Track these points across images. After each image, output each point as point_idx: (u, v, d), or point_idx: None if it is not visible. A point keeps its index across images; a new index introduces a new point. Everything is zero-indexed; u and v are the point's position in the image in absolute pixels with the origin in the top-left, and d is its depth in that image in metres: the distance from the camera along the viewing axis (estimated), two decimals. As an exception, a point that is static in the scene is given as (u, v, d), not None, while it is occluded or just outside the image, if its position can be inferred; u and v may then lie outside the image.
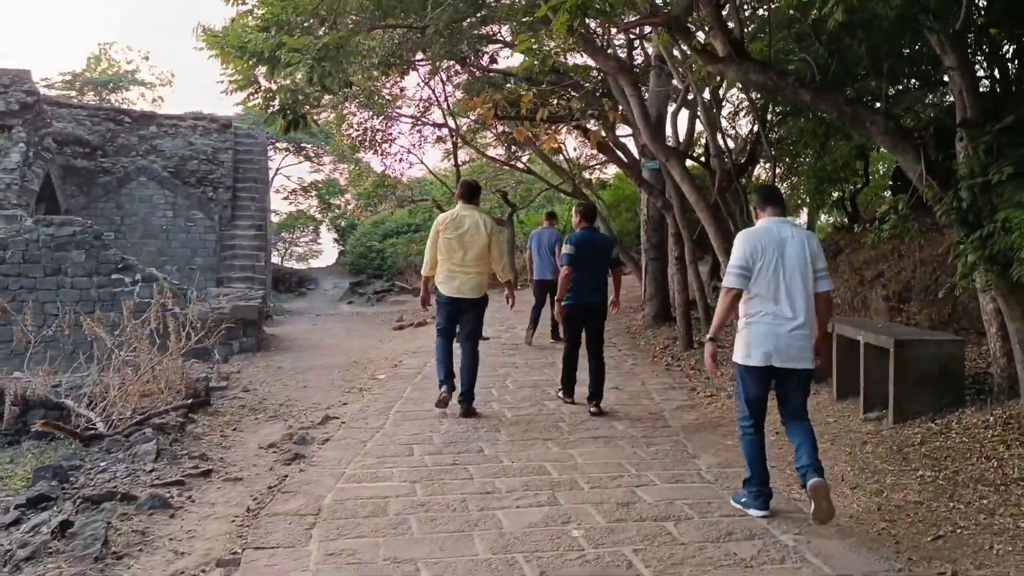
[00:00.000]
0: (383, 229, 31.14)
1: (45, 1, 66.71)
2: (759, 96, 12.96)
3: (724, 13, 6.14)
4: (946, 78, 6.12)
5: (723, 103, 15.36)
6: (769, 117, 13.06)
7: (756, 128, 12.91)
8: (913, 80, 7.56)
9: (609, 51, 8.35)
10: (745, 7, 7.83)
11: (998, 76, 6.87)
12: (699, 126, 13.36)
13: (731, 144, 12.44)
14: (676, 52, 7.72)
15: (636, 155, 12.03)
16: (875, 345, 6.65)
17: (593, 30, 6.96)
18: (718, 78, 12.25)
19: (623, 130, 12.65)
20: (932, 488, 5.03)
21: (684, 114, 11.26)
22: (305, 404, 8.86)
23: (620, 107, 9.75)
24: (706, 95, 8.74)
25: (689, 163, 13.16)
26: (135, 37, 72.72)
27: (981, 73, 6.76)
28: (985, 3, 6.31)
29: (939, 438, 5.85)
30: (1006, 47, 6.79)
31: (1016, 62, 6.79)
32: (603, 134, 9.94)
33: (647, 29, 8.01)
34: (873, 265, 10.18)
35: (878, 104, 6.00)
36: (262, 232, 22.65)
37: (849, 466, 5.61)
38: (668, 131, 10.16)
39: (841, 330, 7.29)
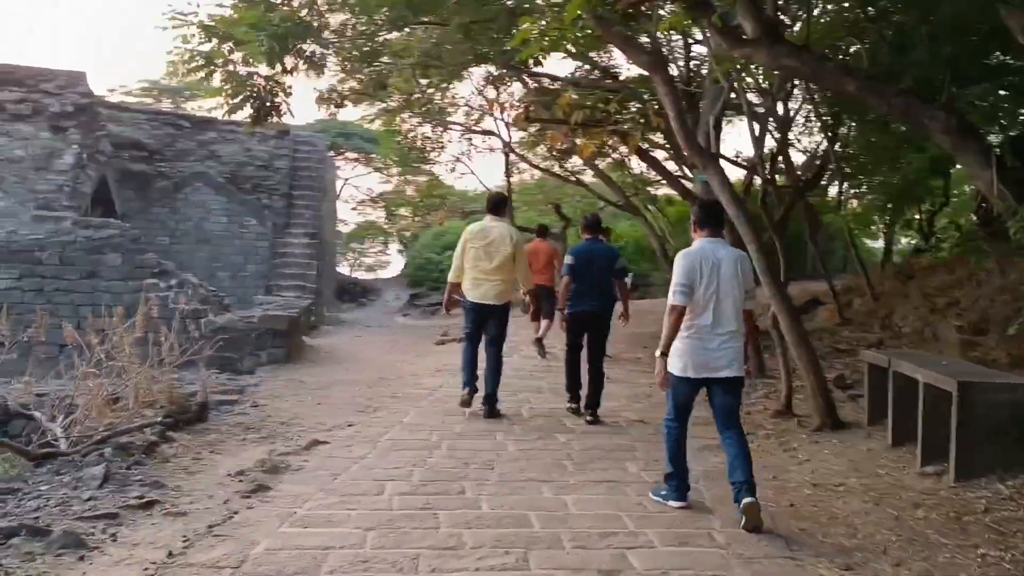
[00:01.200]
0: (443, 241, 30.64)
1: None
2: (828, 107, 12.01)
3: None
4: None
5: (792, 115, 14.37)
6: (842, 130, 12.15)
7: (824, 142, 12.01)
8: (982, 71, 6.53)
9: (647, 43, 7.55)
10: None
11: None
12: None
13: (799, 158, 11.51)
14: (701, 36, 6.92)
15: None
16: (936, 386, 5.65)
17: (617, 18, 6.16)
18: (789, 84, 11.36)
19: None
20: (995, 572, 4.04)
21: (743, 125, 10.40)
22: (309, 423, 8.21)
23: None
24: (749, 96, 7.82)
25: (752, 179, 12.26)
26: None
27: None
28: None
29: (1008, 505, 4.84)
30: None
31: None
32: (640, 139, 9.08)
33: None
34: (946, 292, 9.08)
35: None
36: (315, 240, 22.33)
37: (895, 534, 4.63)
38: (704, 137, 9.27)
39: (898, 366, 6.30)
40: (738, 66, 6.18)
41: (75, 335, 7.23)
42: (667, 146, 15.96)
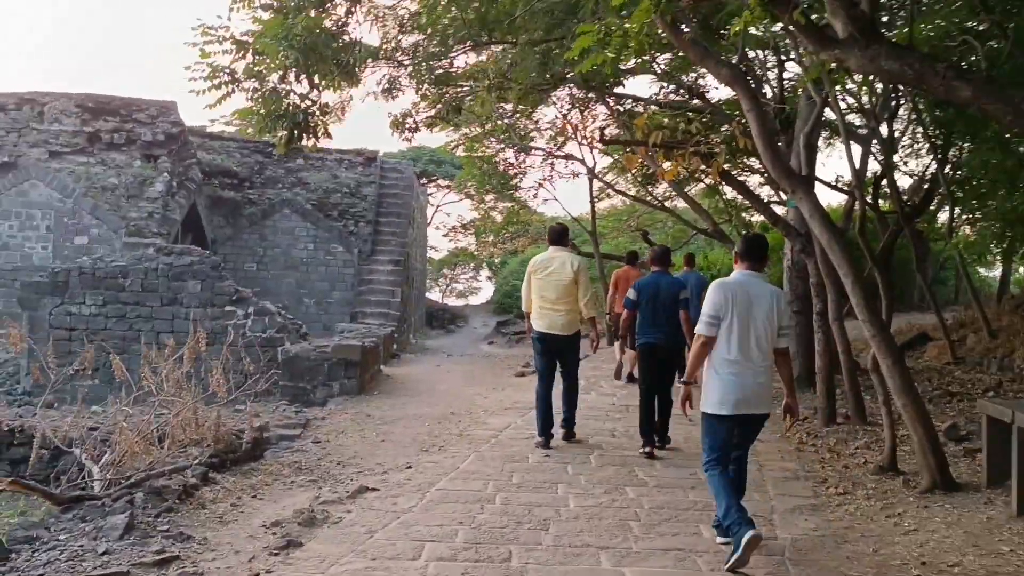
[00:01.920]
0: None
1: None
2: (937, 125, 11.02)
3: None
4: None
5: (898, 136, 13.32)
6: (953, 152, 11.13)
7: (933, 164, 11.01)
8: None
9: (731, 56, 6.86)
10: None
11: None
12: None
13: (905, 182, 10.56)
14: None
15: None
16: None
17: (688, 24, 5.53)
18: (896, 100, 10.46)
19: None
20: None
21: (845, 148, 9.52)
22: (366, 463, 7.77)
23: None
24: (850, 118, 7.01)
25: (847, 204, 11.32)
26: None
27: None
28: None
29: None
30: None
31: None
32: (724, 161, 8.33)
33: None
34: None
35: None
36: (400, 267, 22.18)
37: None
38: (796, 159, 8.47)
39: (985, 407, 5.51)
40: (830, 71, 5.44)
41: (123, 367, 6.95)
42: (762, 171, 15.12)
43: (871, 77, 7.37)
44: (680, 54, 11.99)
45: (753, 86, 7.78)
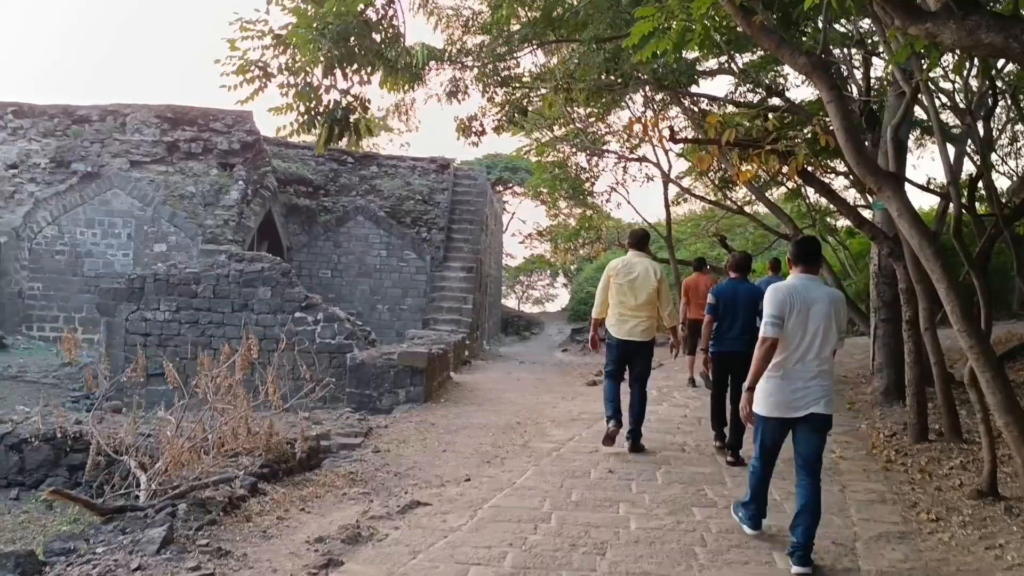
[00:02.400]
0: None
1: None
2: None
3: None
4: None
5: (996, 135, 12.49)
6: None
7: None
8: None
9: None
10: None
11: None
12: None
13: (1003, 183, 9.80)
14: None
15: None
16: None
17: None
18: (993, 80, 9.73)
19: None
20: None
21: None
22: (424, 475, 7.49)
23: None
24: (943, 117, 6.40)
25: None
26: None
27: None
28: None
29: None
30: None
31: None
32: (804, 160, 7.73)
33: None
34: None
35: None
36: (472, 274, 22.01)
37: None
38: (884, 158, 7.83)
39: None
40: (920, 51, 4.91)
41: (174, 374, 6.84)
42: (847, 172, 14.38)
43: (966, 62, 6.77)
44: (758, 51, 11.49)
45: (835, 77, 7.21)
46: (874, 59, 11.38)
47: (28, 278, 18.28)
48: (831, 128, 6.59)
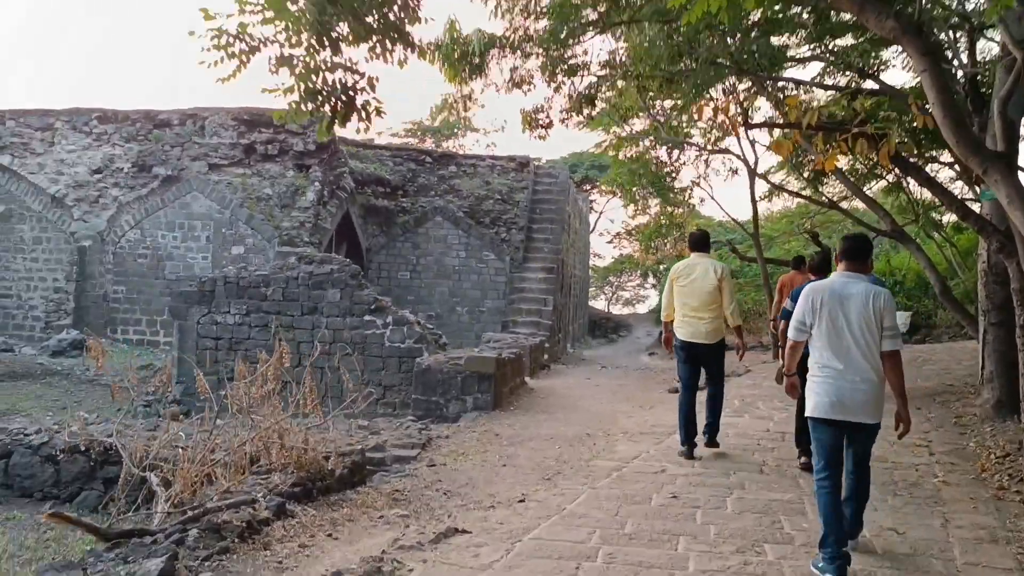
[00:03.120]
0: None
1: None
2: None
3: None
4: None
5: None
6: None
7: None
8: None
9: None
10: None
11: None
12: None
13: None
14: None
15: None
16: None
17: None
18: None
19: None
20: None
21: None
22: (477, 494, 6.93)
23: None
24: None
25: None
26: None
27: None
28: None
29: None
30: None
31: None
32: (897, 142, 6.78)
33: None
34: None
35: None
36: (552, 275, 21.38)
37: None
38: (991, 140, 6.79)
39: None
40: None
41: (205, 384, 6.43)
42: (954, 163, 13.16)
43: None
44: (850, 35, 10.52)
45: (932, 42, 6.26)
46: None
47: (112, 281, 18.57)
48: (926, 108, 5.73)
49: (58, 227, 18.81)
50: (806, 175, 13.81)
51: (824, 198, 15.60)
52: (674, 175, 16.08)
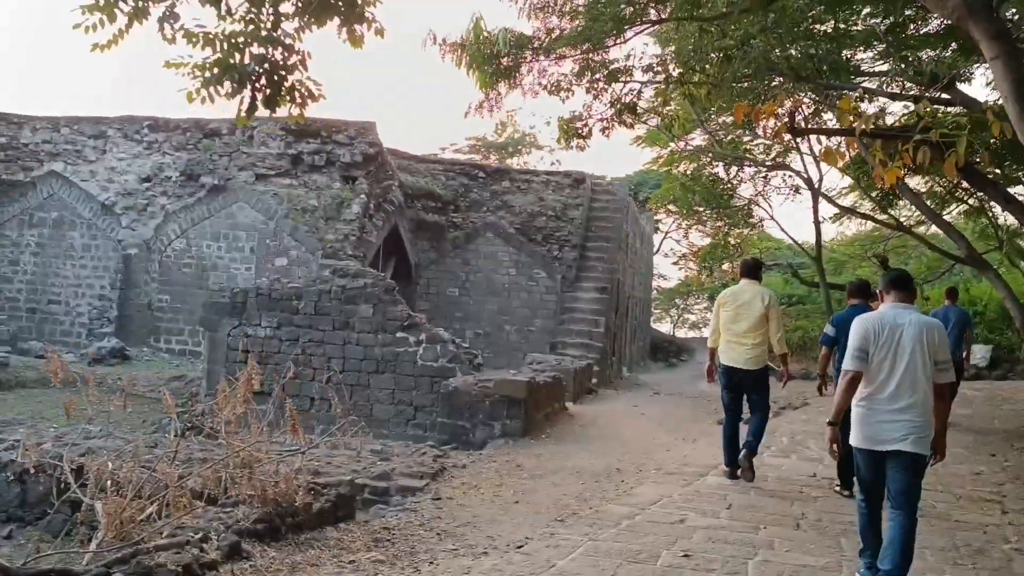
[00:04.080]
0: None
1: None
2: None
3: None
4: None
5: None
6: None
7: None
8: None
9: None
10: None
11: None
12: None
13: None
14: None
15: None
16: None
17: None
18: None
19: None
20: None
21: None
22: (473, 538, 6.22)
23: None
24: None
25: None
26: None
27: None
28: None
29: None
30: None
31: None
32: (968, 151, 5.81)
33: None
34: None
35: None
36: (606, 295, 20.53)
37: None
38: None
39: None
40: None
41: (171, 401, 5.86)
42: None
43: None
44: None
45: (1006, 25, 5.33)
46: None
47: (157, 290, 18.44)
48: (1001, 111, 4.84)
49: (107, 235, 18.79)
50: (875, 195, 12.74)
51: (895, 221, 14.45)
52: (731, 192, 15.12)
